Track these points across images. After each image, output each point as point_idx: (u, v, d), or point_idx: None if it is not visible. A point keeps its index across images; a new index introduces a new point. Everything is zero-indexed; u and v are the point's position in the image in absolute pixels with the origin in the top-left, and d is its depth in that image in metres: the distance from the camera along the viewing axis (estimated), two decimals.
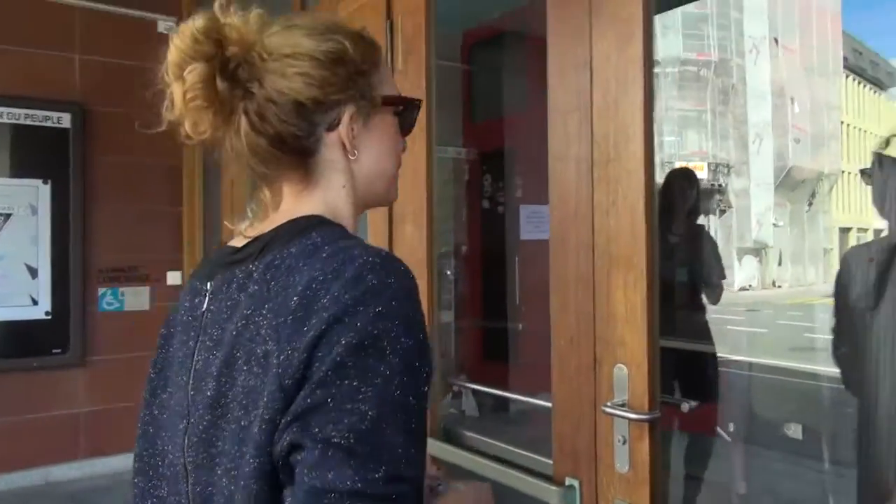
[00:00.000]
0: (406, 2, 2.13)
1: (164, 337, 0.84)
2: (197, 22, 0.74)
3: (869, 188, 1.45)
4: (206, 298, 0.78)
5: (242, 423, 0.66)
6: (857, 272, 1.24)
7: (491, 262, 3.53)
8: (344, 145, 0.81)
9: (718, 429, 2.97)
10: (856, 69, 34.69)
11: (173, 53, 0.75)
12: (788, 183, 26.19)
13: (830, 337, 1.64)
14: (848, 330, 1.31)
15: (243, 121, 0.76)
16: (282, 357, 0.64)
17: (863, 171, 1.40)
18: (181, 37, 0.74)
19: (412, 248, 2.10)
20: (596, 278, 1.50)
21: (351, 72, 0.80)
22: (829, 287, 1.73)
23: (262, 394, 0.64)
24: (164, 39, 0.76)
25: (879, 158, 1.39)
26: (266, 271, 0.72)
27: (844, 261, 1.58)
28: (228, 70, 0.75)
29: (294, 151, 0.79)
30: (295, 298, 0.67)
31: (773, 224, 24.44)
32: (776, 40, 25.44)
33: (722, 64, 24.14)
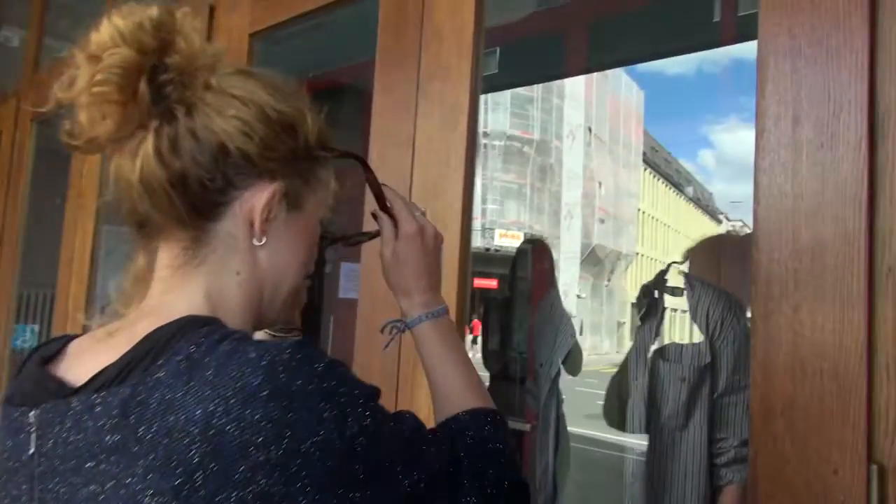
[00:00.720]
0: (229, 40, 1.97)
1: None
2: (152, 10, 0.60)
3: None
4: (33, 437, 0.59)
5: None
6: (670, 389, 1.28)
7: (304, 320, 3.37)
8: (252, 224, 0.65)
9: None
10: (652, 164, 39.31)
11: (104, 31, 0.59)
12: (592, 259, 28.64)
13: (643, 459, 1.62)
14: (657, 447, 1.34)
15: (149, 141, 0.60)
16: None
17: (674, 290, 1.47)
18: (124, 16, 0.59)
19: None
20: (401, 362, 1.41)
21: (299, 147, 0.67)
22: (622, 357, 1.75)
23: None
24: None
25: (689, 280, 1.47)
26: (126, 411, 0.53)
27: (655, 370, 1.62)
28: (159, 78, 0.60)
29: (193, 203, 0.63)
30: (193, 450, 0.50)
31: (577, 296, 26.43)
32: (590, 129, 28.15)
33: (543, 144, 26.16)
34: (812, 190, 0.97)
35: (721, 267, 1.51)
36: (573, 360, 2.36)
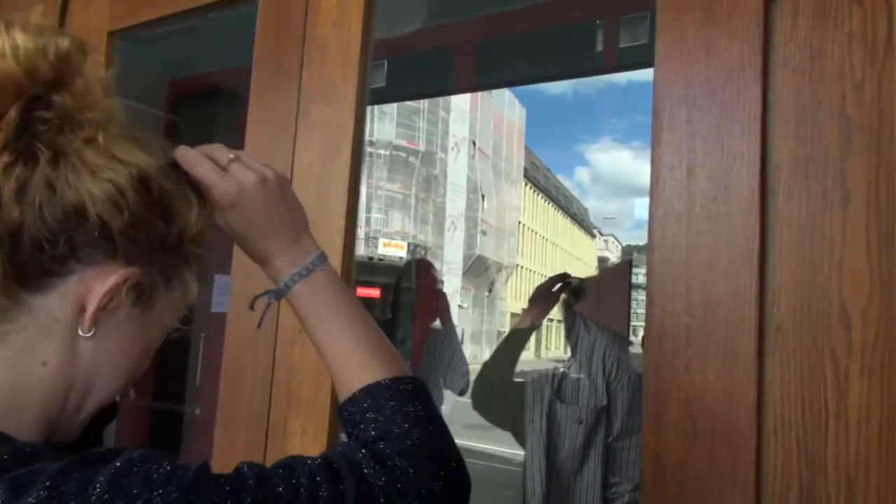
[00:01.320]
0: (86, 37, 1.74)
1: None
2: (65, 39, 0.53)
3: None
4: None
5: None
6: (566, 431, 1.24)
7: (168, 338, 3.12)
8: (84, 309, 0.53)
9: None
10: (533, 180, 40.68)
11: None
12: (474, 270, 29.15)
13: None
14: (552, 490, 1.30)
15: None
16: None
17: (569, 331, 1.45)
18: (28, 32, 0.51)
19: None
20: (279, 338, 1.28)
21: (171, 236, 0.56)
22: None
23: None
24: None
25: (584, 320, 1.45)
26: None
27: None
28: (35, 112, 0.51)
29: (17, 265, 0.50)
30: None
31: (459, 306, 26.79)
32: (474, 143, 28.68)
33: (428, 155, 26.33)
34: (705, 243, 0.95)
35: (599, 304, 1.52)
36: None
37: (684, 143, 0.99)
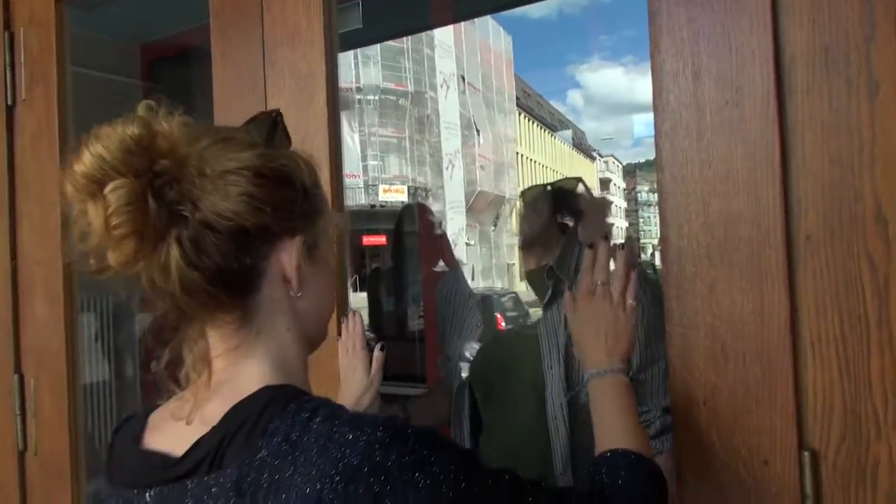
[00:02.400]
0: (31, 8, 1.63)
1: None
2: (130, 127, 0.62)
3: None
4: None
5: None
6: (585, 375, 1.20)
7: None
8: (288, 281, 0.69)
9: None
10: (526, 108, 40.01)
11: (89, 163, 0.61)
12: (477, 205, 29.02)
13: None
14: (576, 434, 1.27)
15: (174, 252, 0.62)
16: None
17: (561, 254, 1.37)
18: (105, 143, 0.61)
19: (44, 338, 1.61)
20: None
21: (300, 195, 0.69)
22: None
23: None
24: None
25: (572, 240, 1.39)
26: (240, 490, 0.59)
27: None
28: (157, 188, 0.62)
29: (234, 289, 0.67)
30: None
31: (466, 243, 26.82)
32: (463, 78, 28.09)
33: (418, 95, 25.85)
34: (720, 154, 0.87)
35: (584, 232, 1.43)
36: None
37: (686, 46, 0.90)
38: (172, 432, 0.66)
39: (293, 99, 1.27)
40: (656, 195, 0.94)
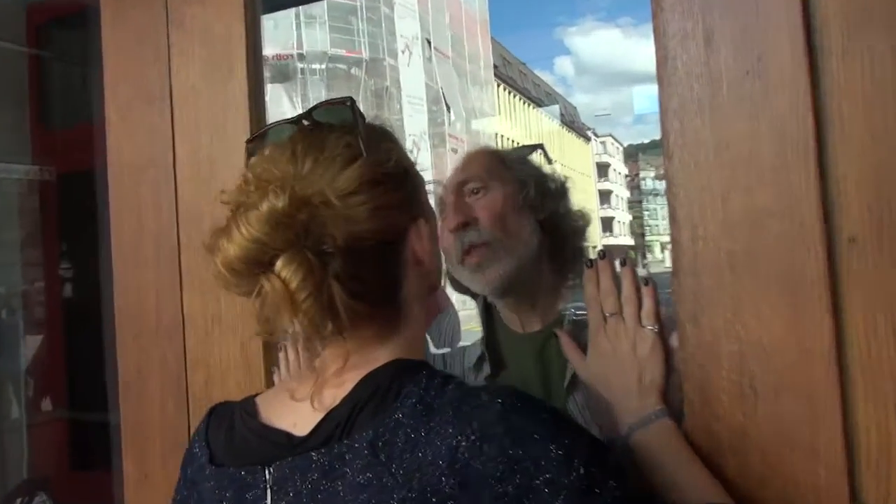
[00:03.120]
0: None
1: None
2: (277, 201, 0.74)
3: None
4: (268, 493, 0.78)
5: None
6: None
7: (80, 324, 3.03)
8: (420, 263, 0.84)
9: None
10: (506, 79, 40.25)
11: (247, 248, 0.75)
12: None
13: None
14: None
15: (336, 290, 0.75)
16: None
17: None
18: (258, 227, 0.74)
19: None
20: None
21: (408, 178, 0.85)
22: None
23: None
24: None
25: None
26: (375, 451, 0.72)
27: None
28: (308, 242, 0.75)
29: (389, 299, 0.82)
30: (443, 481, 0.68)
31: None
32: (429, 42, 28.10)
33: (374, 63, 25.82)
34: (740, 135, 0.85)
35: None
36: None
37: (696, 2, 0.88)
38: (293, 412, 0.80)
39: (206, 70, 1.26)
40: (663, 183, 0.92)
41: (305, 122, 0.85)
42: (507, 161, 1.34)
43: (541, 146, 1.45)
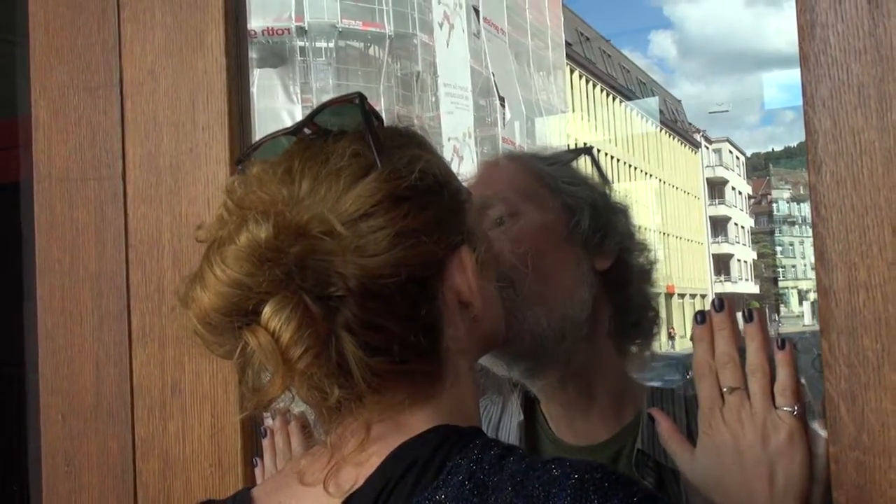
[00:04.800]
0: None
1: None
2: (258, 231, 0.79)
3: None
4: None
5: None
6: None
7: None
8: (466, 304, 0.89)
9: None
10: (583, 61, 40.59)
11: (227, 295, 0.79)
12: None
13: None
14: None
15: (347, 345, 0.79)
16: None
17: None
18: (234, 262, 0.79)
19: None
20: None
21: (444, 195, 0.88)
22: None
23: None
24: None
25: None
26: None
27: None
28: (305, 283, 0.79)
29: (420, 350, 0.84)
30: None
31: None
32: (477, 11, 28.48)
33: (400, 41, 26.22)
34: None
35: None
36: None
37: None
38: (302, 500, 0.84)
39: (168, 45, 1.29)
40: (804, 206, 0.91)
41: (307, 131, 0.88)
42: (545, 178, 1.29)
43: (588, 151, 1.43)
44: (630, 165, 44.93)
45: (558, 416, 1.28)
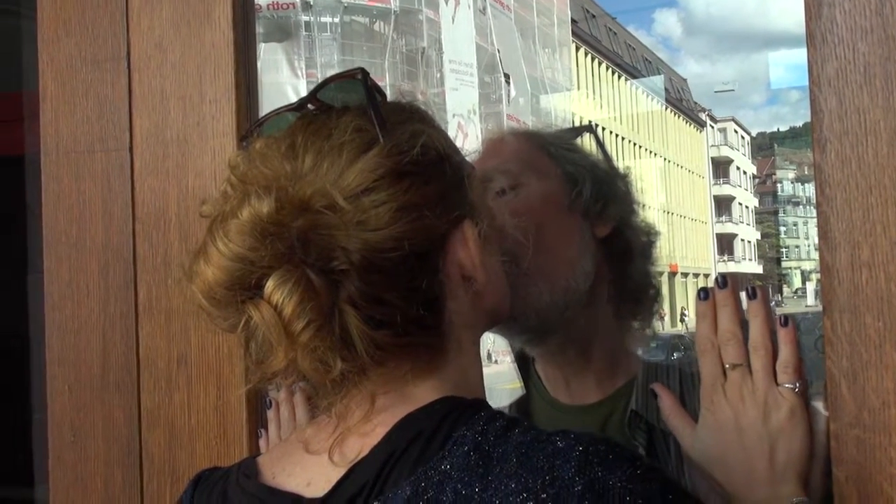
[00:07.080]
0: None
1: None
2: (260, 205, 0.80)
3: None
4: None
5: None
6: None
7: None
8: (469, 279, 0.90)
9: None
10: (589, 39, 40.40)
11: (231, 269, 0.81)
12: None
13: None
14: None
15: (351, 318, 0.80)
16: None
17: None
18: (237, 236, 0.81)
19: None
20: None
21: (447, 169, 0.90)
22: None
23: None
24: None
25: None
26: None
27: None
28: (308, 257, 0.80)
29: (423, 324, 0.86)
30: None
31: None
32: None
33: (406, 17, 26.12)
34: None
35: None
36: None
37: None
38: (307, 468, 0.87)
39: (175, 18, 1.29)
40: (809, 187, 0.91)
41: (310, 107, 0.89)
42: (548, 147, 1.30)
43: (590, 128, 1.44)
44: (635, 144, 44.78)
45: (554, 377, 1.30)
